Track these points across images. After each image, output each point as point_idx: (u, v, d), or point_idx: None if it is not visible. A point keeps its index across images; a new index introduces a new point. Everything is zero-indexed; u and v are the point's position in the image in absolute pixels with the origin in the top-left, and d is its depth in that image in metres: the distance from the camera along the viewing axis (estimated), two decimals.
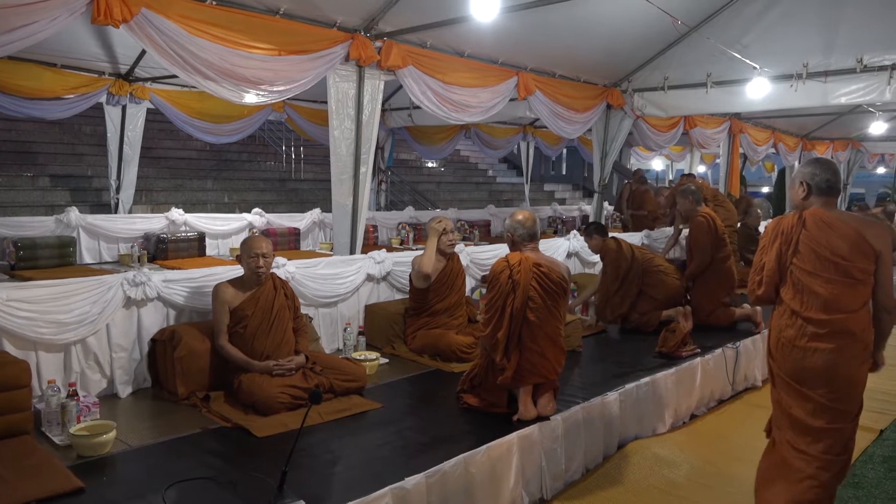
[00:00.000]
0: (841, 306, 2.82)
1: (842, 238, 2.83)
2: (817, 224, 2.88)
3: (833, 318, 2.82)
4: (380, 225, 9.74)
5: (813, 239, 2.87)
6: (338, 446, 3.25)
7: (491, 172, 18.92)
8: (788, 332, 2.91)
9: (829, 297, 2.83)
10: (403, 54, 5.66)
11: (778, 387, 3.01)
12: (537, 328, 3.59)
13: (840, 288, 2.82)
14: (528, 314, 3.57)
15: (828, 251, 2.83)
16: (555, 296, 3.64)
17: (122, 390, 3.94)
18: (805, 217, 2.91)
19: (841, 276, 2.82)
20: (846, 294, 2.82)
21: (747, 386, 5.44)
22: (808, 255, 2.87)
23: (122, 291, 3.90)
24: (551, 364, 3.65)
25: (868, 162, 15.47)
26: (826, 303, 2.83)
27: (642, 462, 4.00)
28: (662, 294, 5.79)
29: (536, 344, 3.60)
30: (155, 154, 11.99)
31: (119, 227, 7.59)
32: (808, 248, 2.87)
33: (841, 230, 2.84)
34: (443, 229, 4.95)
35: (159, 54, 4.35)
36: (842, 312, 2.82)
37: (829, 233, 2.85)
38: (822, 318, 2.83)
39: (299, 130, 10.34)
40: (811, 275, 2.86)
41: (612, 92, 8.07)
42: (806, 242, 2.88)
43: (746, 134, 10.91)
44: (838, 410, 2.84)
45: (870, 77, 6.47)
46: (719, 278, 5.99)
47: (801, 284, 2.89)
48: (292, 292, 4.21)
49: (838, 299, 2.82)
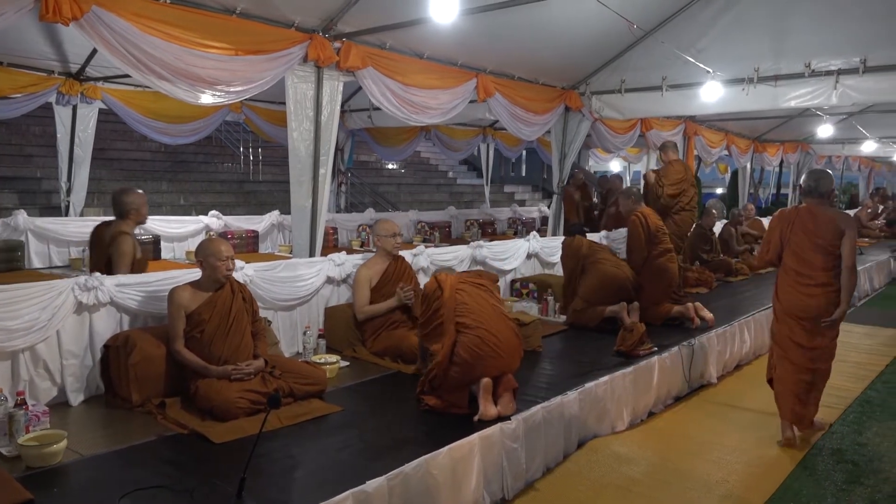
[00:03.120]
0: (821, 266, 4.23)
1: (821, 224, 4.23)
2: (806, 214, 4.30)
3: (816, 273, 4.24)
4: (340, 227, 9.67)
5: (803, 224, 4.29)
6: (298, 451, 3.22)
7: (451, 174, 18.96)
8: (790, 285, 4.34)
9: (814, 261, 4.25)
10: (363, 55, 5.64)
11: (781, 321, 4.43)
12: (473, 307, 3.85)
13: (821, 255, 4.23)
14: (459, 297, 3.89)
15: (812, 232, 4.24)
16: (483, 286, 4.08)
17: (74, 398, 3.83)
18: (799, 209, 4.37)
19: (820, 248, 4.23)
20: (824, 259, 4.23)
21: (703, 383, 5.56)
22: (800, 234, 4.29)
23: (73, 296, 3.79)
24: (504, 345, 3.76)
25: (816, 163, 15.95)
26: (812, 264, 4.25)
27: (602, 460, 4.05)
28: (604, 285, 5.85)
29: (482, 325, 3.76)
30: (108, 155, 11.72)
31: (70, 231, 7.38)
32: (800, 230, 4.29)
33: (821, 219, 4.24)
34: (391, 233, 5.08)
35: (111, 53, 4.24)
36: (822, 270, 4.23)
37: (813, 220, 4.26)
38: (810, 274, 4.26)
39: (258, 131, 10.20)
40: (802, 247, 4.28)
41: (571, 94, 8.16)
42: (798, 226, 4.30)
43: (701, 136, 11.13)
44: (824, 335, 4.27)
45: (817, 82, 6.67)
46: (654, 275, 6.13)
47: (797, 253, 4.31)
48: (250, 296, 4.15)
49: (819, 262, 4.23)
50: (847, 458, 4.17)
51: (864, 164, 18.53)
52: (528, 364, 4.31)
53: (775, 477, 3.90)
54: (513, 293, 6.72)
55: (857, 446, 4.37)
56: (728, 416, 4.98)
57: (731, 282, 8.73)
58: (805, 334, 4.28)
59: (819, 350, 4.29)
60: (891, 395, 5.42)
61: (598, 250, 6.19)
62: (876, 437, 4.52)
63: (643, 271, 6.15)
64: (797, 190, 4.50)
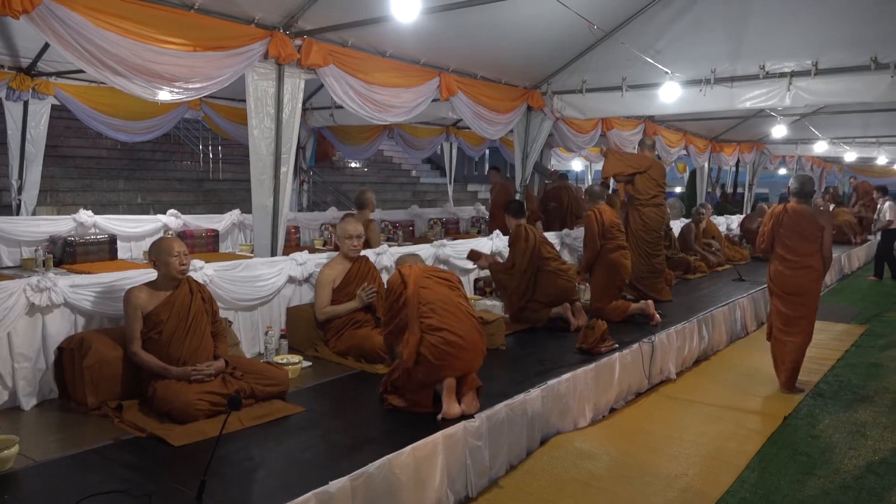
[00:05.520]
0: (804, 253, 5.33)
1: (804, 219, 5.33)
2: (791, 211, 5.39)
3: (801, 258, 5.35)
4: (302, 226, 9.57)
5: (790, 219, 5.38)
6: (259, 452, 3.18)
7: (414, 173, 18.93)
8: (778, 267, 5.45)
9: (799, 248, 5.34)
10: (324, 53, 5.59)
11: (774, 298, 5.54)
12: (438, 306, 3.78)
13: (804, 244, 5.33)
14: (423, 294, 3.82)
15: (797, 226, 5.34)
16: (448, 280, 4.02)
17: (26, 402, 3.72)
18: (787, 207, 5.43)
19: (804, 238, 5.33)
20: (807, 247, 5.33)
21: (662, 379, 5.66)
22: (788, 227, 5.38)
23: (25, 298, 3.68)
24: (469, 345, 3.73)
25: (770, 163, 16.36)
26: (797, 251, 5.35)
27: (564, 456, 4.09)
28: (548, 292, 5.89)
29: (446, 325, 3.70)
30: (61, 153, 11.40)
31: (21, 230, 7.16)
32: (788, 224, 5.38)
33: (804, 215, 5.34)
34: (349, 235, 5.06)
35: (64, 48, 4.13)
36: (805, 256, 5.34)
37: (797, 216, 5.36)
38: (796, 259, 5.36)
39: (217, 129, 10.04)
40: (789, 237, 5.37)
41: (533, 94, 8.22)
42: (786, 220, 5.39)
43: (660, 136, 11.32)
44: (805, 306, 5.40)
45: (771, 83, 6.84)
46: (609, 270, 6.24)
47: (785, 242, 5.39)
48: (210, 296, 4.09)
49: (803, 249, 5.33)
50: (801, 451, 4.29)
51: (816, 164, 19.07)
52: (492, 362, 4.33)
53: (733, 470, 3.98)
54: (476, 291, 6.75)
55: (811, 438, 4.50)
56: (687, 410, 5.08)
57: (690, 279, 8.90)
58: (792, 306, 5.41)
59: (803, 322, 5.40)
60: (841, 388, 5.59)
61: (548, 245, 6.17)
62: (828, 430, 4.66)
63: (596, 265, 6.27)
64: (787, 189, 5.70)
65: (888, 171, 20.59)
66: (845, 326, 7.91)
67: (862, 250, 14.40)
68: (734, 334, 7.24)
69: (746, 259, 10.82)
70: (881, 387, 5.63)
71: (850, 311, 8.91)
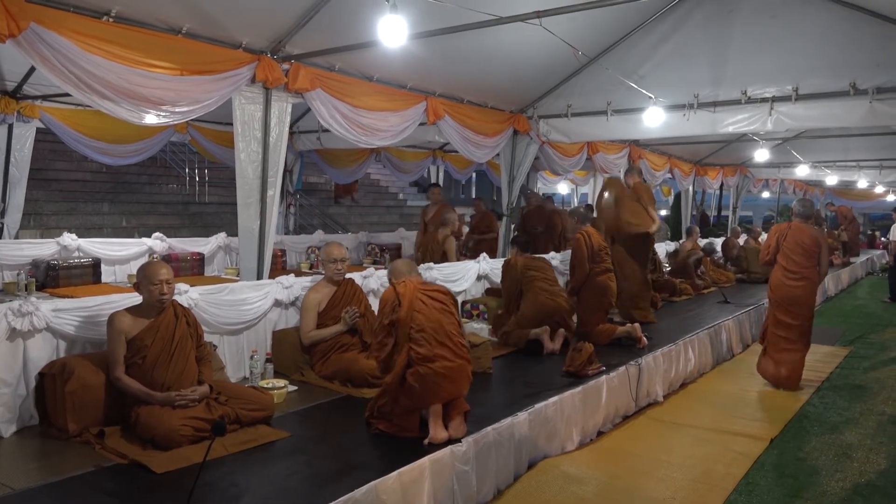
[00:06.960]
0: (803, 265, 6.05)
1: (805, 236, 6.06)
2: (794, 230, 6.12)
3: (800, 270, 6.06)
4: (288, 249, 9.55)
5: (793, 235, 6.10)
6: (244, 479, 3.14)
7: (401, 196, 18.98)
8: (780, 278, 6.13)
9: (799, 261, 6.06)
10: (311, 77, 5.62)
11: (773, 307, 6.23)
12: (430, 335, 3.69)
13: (804, 258, 6.05)
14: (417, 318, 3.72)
15: (799, 242, 6.06)
16: (442, 303, 3.86)
17: (5, 429, 3.65)
18: (791, 225, 6.17)
19: (804, 253, 6.04)
20: (806, 260, 6.05)
21: (650, 401, 5.65)
22: (791, 242, 6.08)
23: (6, 322, 3.63)
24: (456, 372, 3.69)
25: (753, 186, 16.56)
26: (797, 263, 6.06)
27: (552, 480, 4.07)
28: (536, 313, 5.90)
29: (436, 354, 3.65)
30: (45, 176, 11.33)
31: (4, 254, 7.08)
32: (791, 240, 6.09)
33: (805, 233, 6.08)
34: (333, 259, 5.02)
35: (50, 72, 4.13)
36: (804, 268, 6.06)
37: (799, 234, 6.09)
38: (795, 270, 6.07)
39: (203, 152, 10.03)
40: (791, 251, 6.07)
41: (519, 118, 8.30)
42: (789, 237, 6.10)
43: (645, 159, 11.45)
44: (803, 315, 6.14)
45: (753, 108, 6.97)
46: (596, 293, 6.27)
47: (787, 255, 6.10)
48: (195, 320, 4.05)
49: (803, 262, 6.05)
50: (788, 473, 4.29)
51: (798, 187, 19.31)
52: (479, 386, 4.31)
53: (720, 493, 3.97)
54: (463, 314, 6.74)
55: (797, 461, 4.50)
56: (674, 433, 5.07)
57: (676, 301, 8.94)
58: (789, 315, 6.10)
59: (799, 330, 6.11)
60: (826, 409, 5.61)
61: (534, 269, 6.17)
62: (814, 452, 4.66)
63: (583, 288, 6.29)
64: (791, 211, 6.52)
65: (868, 195, 20.90)
66: (830, 348, 7.96)
67: (845, 273, 14.57)
68: (720, 356, 7.26)
69: (731, 282, 10.91)
70: (866, 409, 5.66)
71: (835, 332, 8.97)
